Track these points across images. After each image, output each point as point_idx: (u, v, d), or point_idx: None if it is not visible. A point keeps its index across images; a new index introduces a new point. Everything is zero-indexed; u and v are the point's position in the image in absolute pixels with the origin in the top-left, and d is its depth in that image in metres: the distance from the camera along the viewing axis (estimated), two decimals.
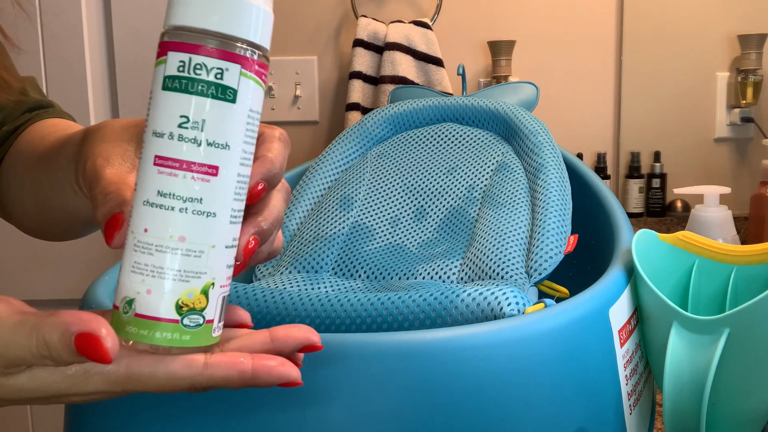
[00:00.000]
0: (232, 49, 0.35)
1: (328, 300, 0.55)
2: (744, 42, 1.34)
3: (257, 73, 0.37)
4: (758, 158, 1.31)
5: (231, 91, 0.36)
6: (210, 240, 0.36)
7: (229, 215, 0.37)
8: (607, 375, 0.52)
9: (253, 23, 0.36)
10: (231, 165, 0.36)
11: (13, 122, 0.68)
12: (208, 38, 0.35)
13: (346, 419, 0.45)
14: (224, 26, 0.35)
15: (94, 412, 0.50)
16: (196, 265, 0.36)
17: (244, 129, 0.37)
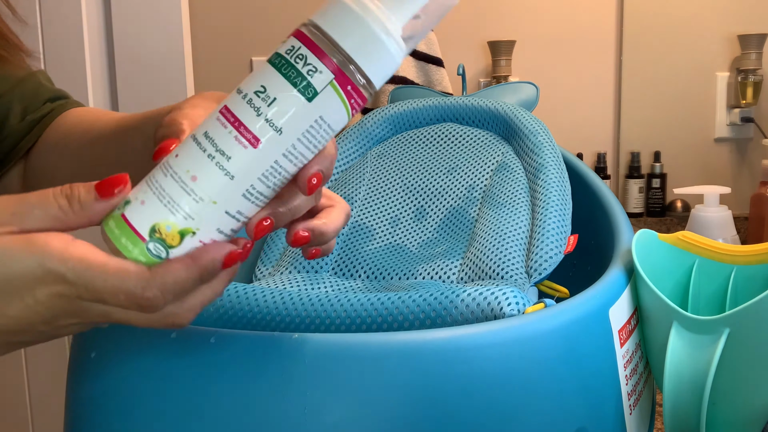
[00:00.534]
0: (339, 63, 0.37)
1: (328, 300, 0.55)
2: (744, 42, 1.34)
3: (347, 94, 0.38)
4: (758, 158, 1.31)
5: (312, 90, 0.37)
6: (215, 195, 0.38)
7: (246, 187, 0.38)
8: (607, 375, 0.52)
9: (374, 59, 0.37)
10: (274, 148, 0.38)
11: (36, 111, 0.72)
12: (329, 45, 0.37)
13: (346, 419, 0.45)
14: (349, 46, 0.37)
15: (95, 412, 0.50)
16: (189, 207, 0.37)
17: (305, 129, 0.38)
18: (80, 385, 0.51)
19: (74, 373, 0.52)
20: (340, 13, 0.37)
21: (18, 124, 0.71)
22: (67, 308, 0.37)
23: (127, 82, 1.31)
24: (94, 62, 1.30)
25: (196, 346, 0.47)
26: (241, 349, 0.46)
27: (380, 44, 0.37)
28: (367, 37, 0.37)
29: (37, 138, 0.71)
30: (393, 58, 0.38)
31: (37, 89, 0.73)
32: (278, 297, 0.56)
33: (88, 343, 0.52)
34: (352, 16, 0.37)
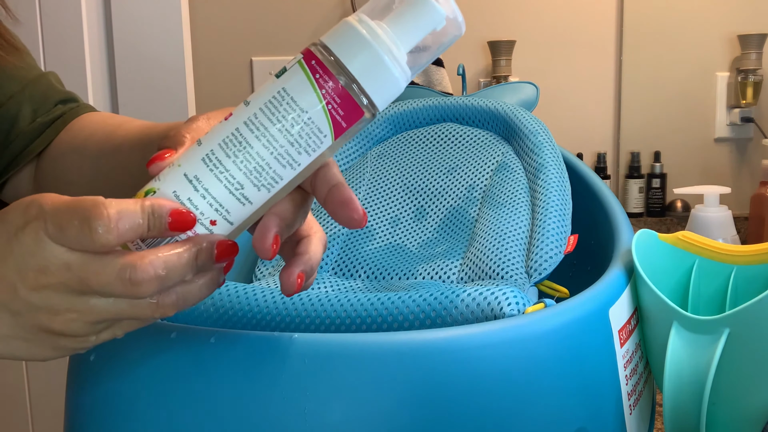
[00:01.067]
0: (344, 84, 0.39)
1: (328, 300, 0.55)
2: (744, 42, 1.34)
3: (312, 69, 0.39)
4: (758, 158, 1.31)
5: (282, 69, 0.39)
6: (182, 159, 0.40)
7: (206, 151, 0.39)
8: (607, 375, 0.52)
9: (378, 82, 0.39)
10: (238, 117, 0.39)
11: (47, 114, 0.71)
12: (335, 65, 0.39)
13: (346, 419, 0.44)
14: (355, 68, 0.38)
15: (95, 415, 0.50)
16: (164, 171, 0.40)
17: (268, 99, 0.39)
18: (80, 388, 0.51)
19: (74, 376, 0.52)
20: (349, 36, 0.39)
21: (28, 126, 0.70)
22: (62, 296, 0.38)
23: (127, 82, 1.31)
24: (94, 62, 1.30)
25: (196, 346, 0.47)
26: (241, 349, 0.46)
27: (385, 68, 0.38)
28: (372, 60, 0.38)
29: (50, 141, 0.70)
30: (397, 83, 0.39)
31: (47, 91, 0.72)
32: (278, 297, 0.56)
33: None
34: (361, 39, 0.38)
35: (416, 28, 0.39)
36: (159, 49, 1.30)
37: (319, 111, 0.39)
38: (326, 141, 0.40)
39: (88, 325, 0.39)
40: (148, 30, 1.29)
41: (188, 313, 0.58)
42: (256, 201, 0.40)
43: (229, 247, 0.40)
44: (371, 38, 0.38)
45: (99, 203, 0.36)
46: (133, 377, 0.48)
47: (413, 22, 0.39)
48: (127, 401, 0.48)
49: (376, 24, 0.39)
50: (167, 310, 0.39)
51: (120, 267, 0.37)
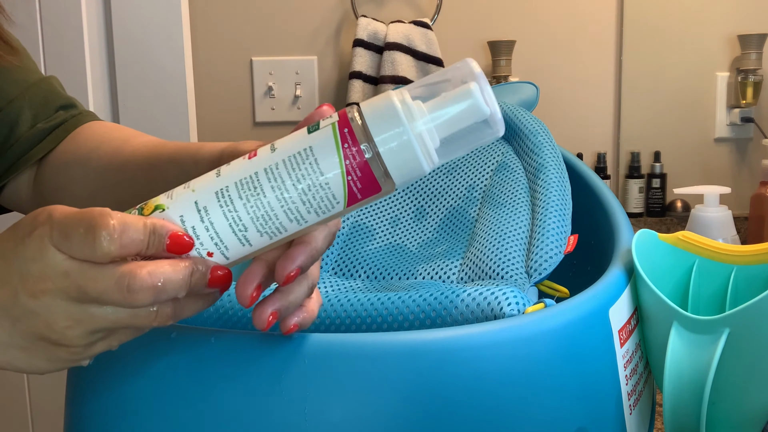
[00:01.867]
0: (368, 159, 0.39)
1: (328, 300, 0.55)
2: (744, 42, 1.34)
3: (343, 138, 0.39)
4: (758, 158, 1.31)
5: (315, 126, 0.40)
6: (196, 184, 0.40)
7: (221, 186, 0.40)
8: (607, 375, 0.52)
9: (402, 164, 0.39)
10: (260, 162, 0.40)
11: (48, 120, 0.70)
12: (363, 135, 0.39)
13: (346, 419, 0.45)
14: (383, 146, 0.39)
15: (95, 414, 0.50)
16: (177, 190, 0.41)
17: (293, 154, 0.39)
18: (80, 391, 0.51)
19: (73, 379, 0.52)
20: (387, 111, 0.39)
21: (28, 131, 0.69)
22: (64, 305, 0.38)
23: (127, 82, 1.31)
24: (93, 62, 1.30)
25: (196, 346, 0.47)
26: (241, 349, 0.46)
27: (412, 153, 0.39)
28: (402, 143, 0.38)
29: (51, 148, 0.70)
30: (421, 168, 0.39)
31: (47, 96, 0.71)
32: None
33: None
34: (396, 119, 0.38)
35: (456, 119, 0.39)
36: (159, 49, 1.30)
37: (338, 179, 0.39)
38: (338, 207, 0.40)
39: (85, 335, 0.39)
40: (148, 30, 1.29)
41: None
42: (256, 244, 0.41)
43: (222, 276, 0.41)
44: (407, 120, 0.38)
45: (106, 213, 0.37)
46: (133, 378, 0.48)
47: (454, 113, 0.39)
48: (128, 401, 0.48)
49: (417, 105, 0.39)
50: (165, 320, 0.40)
51: (119, 275, 0.37)
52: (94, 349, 0.41)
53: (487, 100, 0.39)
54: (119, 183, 0.62)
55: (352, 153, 0.39)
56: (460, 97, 0.39)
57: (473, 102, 0.39)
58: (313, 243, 0.42)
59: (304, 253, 0.42)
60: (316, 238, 0.42)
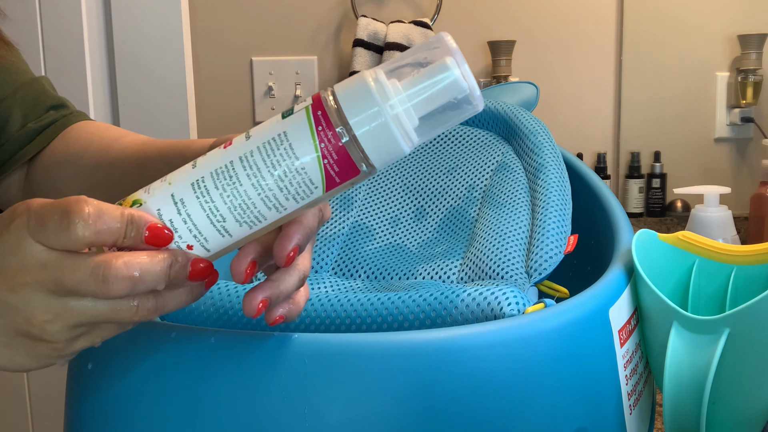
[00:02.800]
0: (345, 144, 0.38)
1: (328, 300, 0.55)
2: (744, 42, 1.34)
3: (317, 121, 0.38)
4: (758, 158, 1.31)
5: (289, 111, 0.39)
6: (173, 177, 0.40)
7: (197, 177, 0.39)
8: (607, 375, 0.52)
9: (380, 145, 0.38)
10: (235, 151, 0.39)
11: (38, 120, 0.71)
12: (337, 119, 0.38)
13: (346, 419, 0.45)
14: (359, 129, 0.37)
15: (95, 414, 0.50)
16: (154, 184, 0.40)
17: (267, 140, 0.39)
18: (79, 392, 0.51)
19: (73, 384, 0.52)
20: (360, 92, 0.38)
21: (18, 131, 0.69)
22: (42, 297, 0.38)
23: (127, 82, 1.31)
24: (93, 62, 1.30)
25: (196, 346, 0.47)
26: (241, 349, 0.46)
27: (389, 133, 0.38)
28: (377, 124, 0.37)
29: (41, 148, 0.70)
30: (400, 149, 0.38)
31: (38, 96, 0.71)
32: None
33: (84, 355, 0.52)
34: (370, 100, 0.37)
35: (433, 96, 0.38)
36: (159, 49, 1.30)
37: (315, 164, 0.38)
38: (317, 192, 0.39)
39: (65, 330, 0.38)
40: (148, 30, 1.29)
41: (188, 313, 0.58)
42: (236, 235, 0.40)
43: (203, 269, 0.40)
44: (382, 100, 0.37)
45: (81, 200, 0.37)
46: (133, 377, 0.48)
47: (432, 90, 0.38)
48: (127, 401, 0.48)
49: (392, 84, 0.38)
50: (147, 314, 0.39)
51: (94, 264, 0.37)
52: (77, 344, 0.40)
53: (465, 75, 0.38)
54: (109, 181, 0.62)
55: (327, 137, 0.38)
56: (437, 72, 0.38)
57: (450, 78, 0.38)
58: (305, 222, 0.42)
59: (299, 231, 0.41)
60: (307, 217, 0.42)
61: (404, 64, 0.39)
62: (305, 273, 0.44)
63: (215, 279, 0.41)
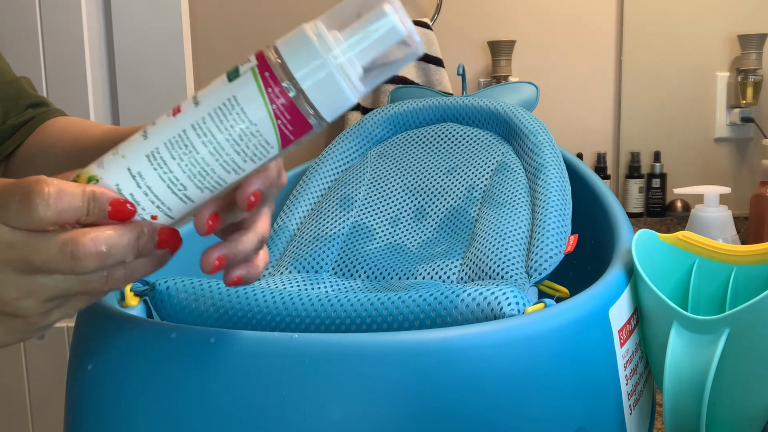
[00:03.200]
0: (292, 97, 0.38)
1: (328, 300, 0.55)
2: (744, 42, 1.34)
3: (266, 83, 0.38)
4: (758, 158, 1.31)
5: (235, 72, 0.39)
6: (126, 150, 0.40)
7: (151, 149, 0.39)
8: (607, 375, 0.52)
9: (326, 96, 0.38)
10: (186, 118, 0.39)
11: (17, 117, 0.73)
12: (282, 73, 0.38)
13: (346, 419, 0.45)
14: (304, 80, 0.38)
15: (95, 414, 0.50)
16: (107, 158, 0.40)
17: (218, 105, 0.39)
18: (79, 392, 0.51)
19: (73, 384, 0.52)
20: (302, 46, 0.38)
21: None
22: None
23: (127, 82, 1.31)
24: (93, 62, 1.30)
25: (196, 346, 0.47)
26: (241, 349, 0.46)
27: (335, 84, 0.38)
28: (323, 75, 0.38)
29: (20, 143, 0.72)
30: (347, 98, 0.39)
31: (18, 95, 0.74)
32: (278, 297, 0.56)
33: (84, 356, 0.52)
34: (313, 52, 0.38)
35: (374, 44, 0.39)
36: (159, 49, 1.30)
37: (268, 124, 0.39)
38: (273, 151, 0.40)
39: (38, 304, 0.39)
40: (148, 30, 1.29)
41: (188, 313, 0.58)
42: (197, 200, 0.40)
43: (170, 235, 0.40)
44: (324, 52, 0.38)
45: (41, 180, 0.37)
46: (133, 377, 0.48)
47: (372, 38, 0.39)
48: (127, 401, 0.48)
49: (333, 35, 0.39)
50: (117, 284, 0.40)
51: (62, 242, 0.37)
52: (51, 317, 0.40)
53: (403, 20, 0.39)
54: None
55: (276, 95, 0.38)
56: (376, 20, 0.39)
57: (389, 24, 0.38)
58: (266, 171, 0.43)
59: (261, 178, 0.42)
60: (268, 167, 0.43)
61: (343, 14, 0.40)
62: (264, 235, 0.45)
63: (180, 243, 0.41)
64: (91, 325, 0.53)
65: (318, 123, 0.39)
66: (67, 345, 1.31)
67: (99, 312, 0.53)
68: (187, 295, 0.59)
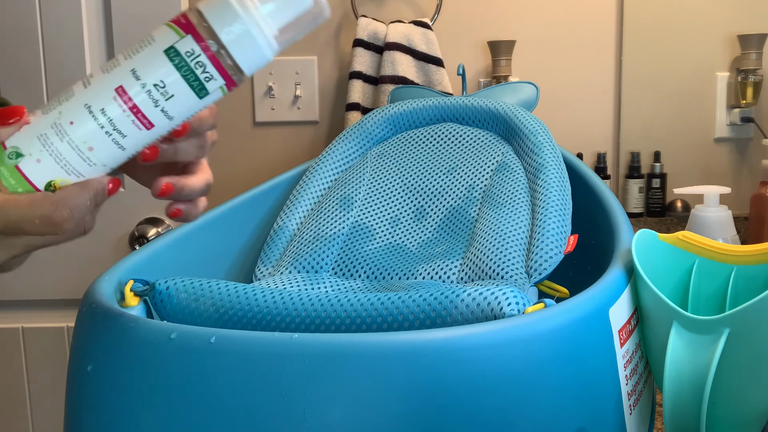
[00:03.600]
0: (229, 71, 0.45)
1: (328, 300, 0.55)
2: (744, 42, 1.34)
3: (229, 87, 0.46)
4: (758, 158, 1.31)
5: (205, 92, 0.45)
6: (108, 162, 0.45)
7: (131, 156, 0.46)
8: (607, 375, 0.52)
9: (247, 52, 0.44)
10: (162, 129, 0.45)
11: None
12: (221, 51, 0.44)
13: (346, 419, 0.45)
14: (227, 39, 0.44)
15: (95, 412, 0.50)
16: (84, 170, 0.45)
17: (190, 116, 0.46)
18: (79, 392, 0.51)
19: (73, 385, 0.52)
20: (224, 8, 0.43)
21: None
22: None
23: None
24: (93, 62, 1.30)
25: (196, 346, 0.47)
26: (241, 349, 0.46)
27: (253, 40, 0.44)
28: (242, 32, 0.43)
29: None
30: (263, 54, 0.44)
31: None
32: (278, 297, 0.56)
33: (84, 357, 0.52)
34: (233, 12, 0.43)
35: (287, 7, 0.44)
36: None
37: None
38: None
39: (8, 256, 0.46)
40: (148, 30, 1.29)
41: (188, 313, 0.58)
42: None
43: (116, 186, 0.47)
44: (242, 12, 0.43)
45: (54, 205, 0.44)
46: (133, 377, 0.48)
47: (286, 3, 0.44)
48: (127, 401, 0.48)
49: (251, 1, 0.44)
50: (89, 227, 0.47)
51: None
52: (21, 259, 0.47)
53: None
54: None
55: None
56: None
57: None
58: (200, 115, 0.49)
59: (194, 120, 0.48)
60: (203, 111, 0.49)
61: None
62: (208, 181, 0.51)
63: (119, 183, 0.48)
64: (91, 325, 0.53)
65: (237, 76, 0.45)
66: (67, 345, 1.31)
67: (99, 312, 0.53)
68: (187, 295, 0.59)
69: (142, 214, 1.25)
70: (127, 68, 0.44)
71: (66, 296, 1.29)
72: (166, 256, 0.69)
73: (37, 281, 1.29)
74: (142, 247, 0.68)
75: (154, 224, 1.24)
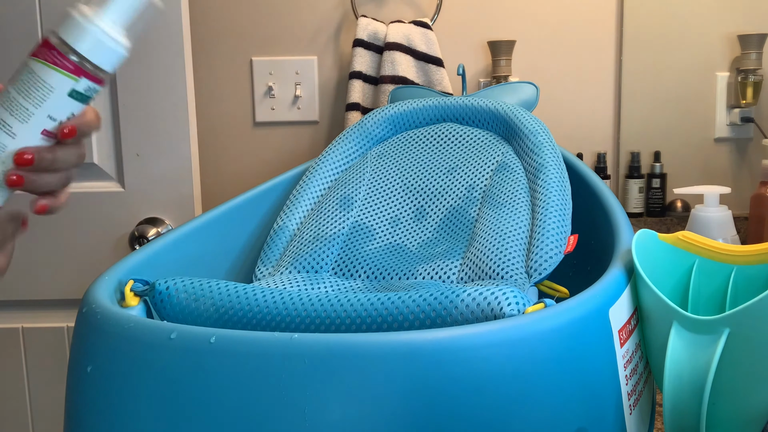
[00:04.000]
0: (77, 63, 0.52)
1: (328, 300, 0.55)
2: (744, 42, 1.34)
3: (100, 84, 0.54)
4: (758, 158, 1.31)
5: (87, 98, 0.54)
6: None
7: None
8: (607, 375, 0.52)
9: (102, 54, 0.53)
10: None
11: None
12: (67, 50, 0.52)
13: (345, 419, 0.45)
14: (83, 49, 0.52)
15: (95, 412, 0.50)
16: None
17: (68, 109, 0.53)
18: (79, 392, 0.51)
19: (73, 385, 0.52)
20: (75, 25, 0.52)
21: None
22: None
23: (127, 82, 1.31)
24: None
25: (196, 346, 0.47)
26: (241, 349, 0.46)
27: (102, 43, 0.52)
28: (94, 41, 0.52)
29: None
30: (116, 52, 0.53)
31: None
32: (278, 297, 0.56)
33: (84, 357, 0.52)
34: (80, 26, 0.52)
35: (126, 10, 0.53)
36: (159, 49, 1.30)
37: None
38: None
39: None
40: (148, 30, 1.29)
41: (188, 313, 0.58)
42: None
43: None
44: (88, 24, 0.51)
45: None
46: (133, 377, 0.48)
47: (123, 7, 0.53)
48: (127, 401, 0.48)
49: (93, 10, 0.52)
50: None
51: None
52: None
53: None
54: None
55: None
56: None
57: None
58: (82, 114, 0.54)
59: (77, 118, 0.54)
60: (84, 112, 0.54)
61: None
62: (79, 161, 0.55)
63: None
64: (91, 325, 0.53)
65: (103, 75, 0.53)
66: (67, 345, 1.31)
67: (99, 312, 0.53)
68: (187, 295, 0.59)
69: (142, 214, 1.25)
70: (44, 114, 0.52)
71: (66, 296, 1.29)
72: (166, 256, 0.69)
73: (37, 281, 1.29)
74: (141, 247, 0.68)
75: (154, 224, 1.24)
